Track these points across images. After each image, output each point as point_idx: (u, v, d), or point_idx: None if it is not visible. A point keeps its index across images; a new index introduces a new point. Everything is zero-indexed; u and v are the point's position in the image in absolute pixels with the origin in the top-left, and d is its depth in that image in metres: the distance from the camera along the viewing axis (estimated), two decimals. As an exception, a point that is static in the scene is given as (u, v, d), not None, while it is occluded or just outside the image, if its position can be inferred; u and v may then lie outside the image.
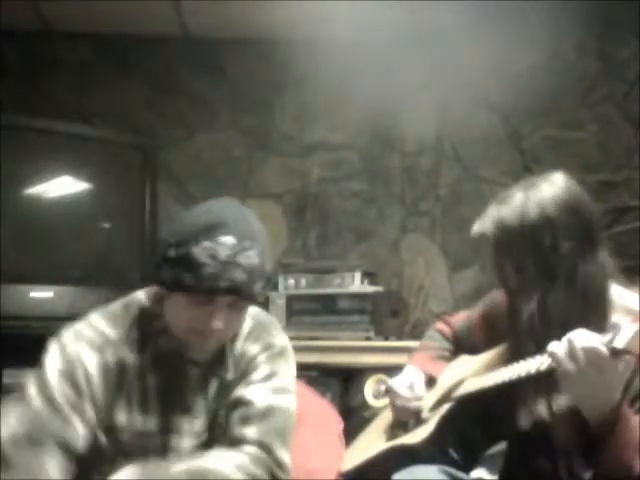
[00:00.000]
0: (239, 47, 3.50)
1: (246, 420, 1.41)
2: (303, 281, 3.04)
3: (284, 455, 1.41)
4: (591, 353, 1.20)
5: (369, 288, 2.96)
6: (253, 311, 1.55)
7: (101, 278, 2.78)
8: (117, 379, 1.41)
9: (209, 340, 1.39)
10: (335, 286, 2.98)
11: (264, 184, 3.48)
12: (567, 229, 1.40)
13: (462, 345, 1.75)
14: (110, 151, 3.03)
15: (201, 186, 3.46)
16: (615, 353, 1.19)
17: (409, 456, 1.50)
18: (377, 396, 2.63)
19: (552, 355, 1.25)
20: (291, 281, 3.04)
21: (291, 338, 2.86)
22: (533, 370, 1.32)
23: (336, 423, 1.87)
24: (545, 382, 1.32)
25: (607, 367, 1.20)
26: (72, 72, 3.45)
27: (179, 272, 1.33)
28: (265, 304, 2.97)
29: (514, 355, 1.42)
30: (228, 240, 1.32)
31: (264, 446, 1.39)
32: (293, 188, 3.49)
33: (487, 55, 3.17)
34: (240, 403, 1.43)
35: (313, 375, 2.77)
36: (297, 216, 3.47)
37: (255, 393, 1.44)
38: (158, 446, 1.41)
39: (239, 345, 1.49)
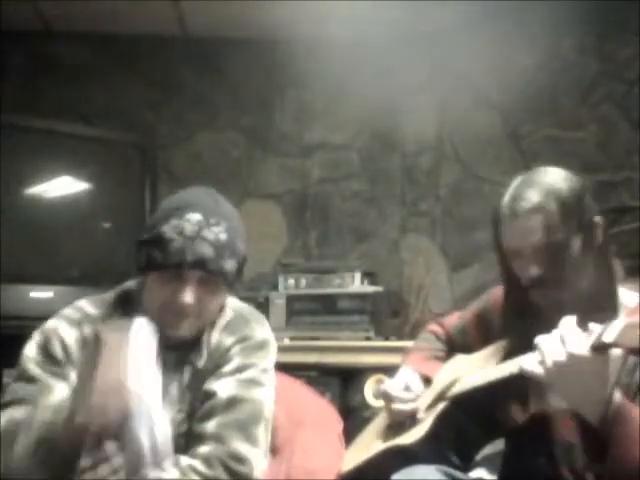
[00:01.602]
0: (239, 47, 3.50)
1: (208, 414, 1.40)
2: (303, 281, 3.03)
3: (241, 447, 1.38)
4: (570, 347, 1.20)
5: (369, 288, 2.96)
6: (236, 304, 1.56)
7: (101, 278, 2.77)
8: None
9: (182, 317, 1.41)
10: (335, 286, 2.98)
11: (264, 184, 3.48)
12: (594, 206, 1.42)
13: (456, 346, 1.73)
14: (110, 151, 3.03)
15: (201, 186, 3.45)
16: (604, 347, 1.18)
17: (406, 457, 1.49)
18: (377, 396, 2.63)
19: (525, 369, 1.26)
20: (291, 281, 3.04)
21: (291, 338, 2.91)
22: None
23: (336, 423, 1.87)
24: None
25: (588, 366, 1.19)
26: (72, 72, 3.45)
27: (150, 251, 1.40)
28: (265, 304, 2.97)
29: (516, 350, 1.41)
30: (194, 216, 1.39)
31: (220, 439, 1.37)
32: (293, 188, 3.49)
33: (487, 55, 3.17)
34: (207, 396, 1.42)
35: (313, 375, 2.77)
36: (297, 216, 3.47)
37: (221, 385, 1.43)
38: None
39: (215, 336, 1.49)
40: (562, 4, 2.99)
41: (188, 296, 1.39)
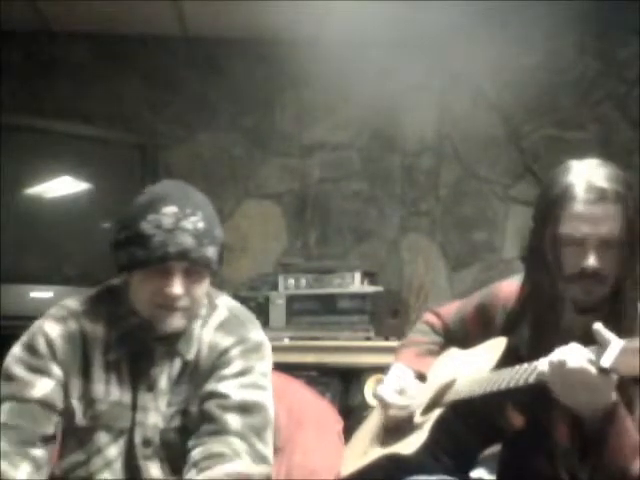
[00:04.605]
0: (239, 47, 3.50)
1: (225, 408, 1.42)
2: (303, 281, 3.03)
3: (262, 449, 1.42)
4: (580, 374, 1.18)
5: (369, 288, 2.96)
6: (229, 303, 1.57)
7: (101, 278, 2.77)
8: (83, 348, 1.46)
9: (173, 309, 1.42)
10: (335, 286, 2.98)
11: (264, 184, 3.48)
12: None
13: (453, 337, 1.66)
14: (110, 151, 3.03)
15: (201, 186, 3.42)
16: (602, 372, 1.17)
17: (403, 463, 1.46)
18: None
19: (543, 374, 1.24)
20: (291, 281, 3.04)
21: (291, 338, 2.91)
22: (522, 382, 1.28)
23: (336, 423, 1.87)
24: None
25: (595, 385, 1.18)
26: (72, 72, 3.45)
27: (132, 250, 1.40)
28: (265, 304, 2.97)
29: (514, 351, 1.39)
30: (170, 209, 1.40)
31: (244, 437, 1.40)
32: (293, 188, 3.48)
33: (487, 55, 3.17)
34: (215, 396, 1.43)
35: (313, 375, 2.77)
36: (297, 216, 3.47)
37: (228, 388, 1.44)
38: (128, 420, 1.44)
39: (209, 332, 1.49)
40: (562, 4, 2.99)
41: (177, 287, 1.40)
